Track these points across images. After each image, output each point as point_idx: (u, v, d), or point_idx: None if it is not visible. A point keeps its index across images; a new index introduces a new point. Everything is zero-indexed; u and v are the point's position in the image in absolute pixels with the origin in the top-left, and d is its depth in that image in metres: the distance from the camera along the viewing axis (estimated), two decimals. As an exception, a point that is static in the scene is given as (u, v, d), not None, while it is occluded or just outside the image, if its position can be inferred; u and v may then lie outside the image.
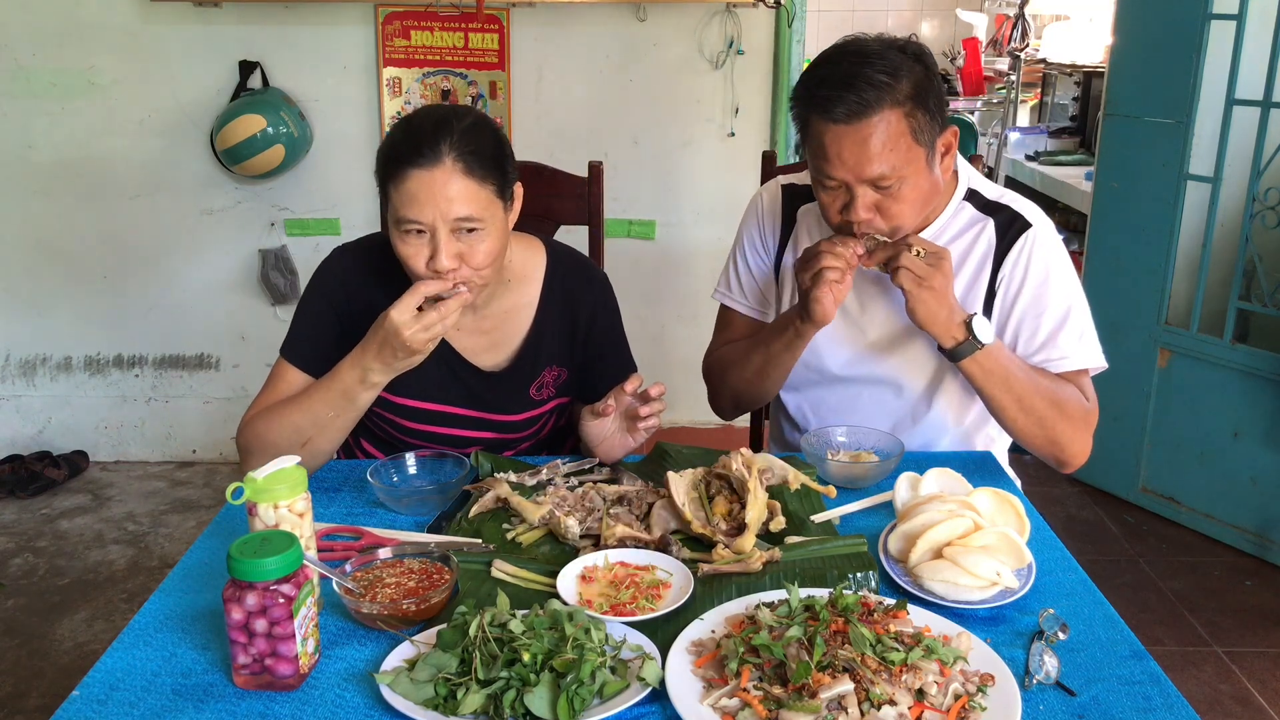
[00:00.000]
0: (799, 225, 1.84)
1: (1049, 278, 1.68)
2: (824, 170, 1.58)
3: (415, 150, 1.50)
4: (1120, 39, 3.34)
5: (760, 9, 3.34)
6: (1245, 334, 3.26)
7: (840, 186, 1.58)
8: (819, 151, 1.57)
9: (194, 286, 3.62)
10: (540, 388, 1.77)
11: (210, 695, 1.15)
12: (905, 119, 1.53)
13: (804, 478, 1.53)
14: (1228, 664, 2.66)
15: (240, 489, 1.28)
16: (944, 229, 1.72)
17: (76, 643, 2.74)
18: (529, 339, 1.74)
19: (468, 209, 1.51)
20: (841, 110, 1.51)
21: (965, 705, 1.07)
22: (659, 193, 3.54)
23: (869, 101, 1.50)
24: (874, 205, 1.57)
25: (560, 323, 1.76)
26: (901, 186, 1.56)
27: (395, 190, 1.52)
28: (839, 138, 1.53)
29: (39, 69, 3.40)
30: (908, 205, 1.58)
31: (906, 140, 1.54)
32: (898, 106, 1.52)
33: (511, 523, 1.50)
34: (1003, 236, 1.70)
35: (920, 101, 1.54)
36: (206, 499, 3.52)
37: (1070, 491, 3.56)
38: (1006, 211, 1.72)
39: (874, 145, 1.52)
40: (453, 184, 1.50)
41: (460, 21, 3.34)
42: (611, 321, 1.83)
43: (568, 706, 1.06)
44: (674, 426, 3.73)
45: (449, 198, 1.50)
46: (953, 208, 1.72)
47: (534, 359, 1.75)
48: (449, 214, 1.51)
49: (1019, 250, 1.68)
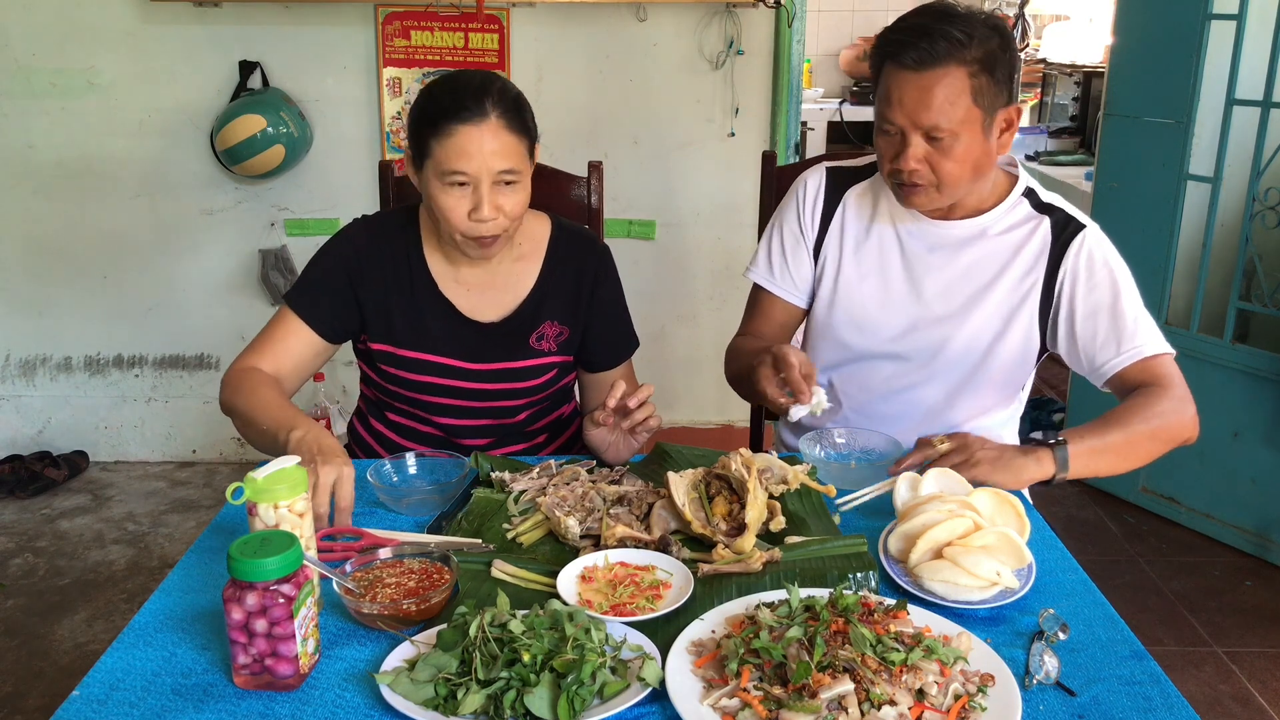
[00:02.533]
0: (846, 205, 1.87)
1: (1114, 273, 1.73)
2: (885, 115, 1.64)
3: (462, 106, 1.61)
4: (1120, 39, 3.34)
5: (760, 9, 3.34)
6: (1245, 334, 3.26)
7: (897, 133, 1.64)
8: (884, 96, 1.64)
9: (194, 286, 3.62)
10: (540, 338, 1.82)
11: (210, 695, 1.15)
12: (970, 79, 1.59)
13: (804, 477, 1.53)
14: (1228, 664, 2.66)
15: (240, 489, 1.28)
16: (1000, 219, 1.77)
17: (76, 643, 2.74)
18: (531, 294, 1.81)
19: (509, 162, 1.62)
20: (911, 56, 1.59)
21: (965, 705, 1.07)
22: (659, 193, 3.54)
23: (938, 53, 1.58)
24: (924, 158, 1.63)
25: (562, 282, 1.83)
26: (954, 144, 1.62)
27: (440, 145, 1.61)
28: (903, 83, 1.60)
29: (39, 69, 3.40)
30: (957, 165, 1.63)
31: (966, 100, 1.60)
32: (964, 65, 1.58)
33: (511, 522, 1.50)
34: (1057, 237, 1.75)
35: (988, 67, 1.60)
36: (206, 499, 3.52)
37: (1070, 491, 3.56)
38: (1060, 213, 1.77)
39: (935, 96, 1.58)
40: (498, 138, 1.61)
41: (460, 21, 3.34)
42: (613, 293, 1.88)
43: (568, 707, 1.06)
44: (674, 426, 3.73)
45: (494, 151, 1.61)
46: (1010, 201, 1.77)
47: (534, 311, 1.81)
48: (493, 167, 1.61)
49: (1078, 249, 1.73)
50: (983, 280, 1.76)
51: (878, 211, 1.83)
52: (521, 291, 1.81)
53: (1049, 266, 1.74)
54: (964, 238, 1.77)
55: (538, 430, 1.91)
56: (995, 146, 1.66)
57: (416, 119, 1.66)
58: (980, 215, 1.76)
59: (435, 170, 1.63)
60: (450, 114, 1.61)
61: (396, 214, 1.84)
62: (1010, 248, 1.75)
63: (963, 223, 1.77)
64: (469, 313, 1.80)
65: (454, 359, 1.78)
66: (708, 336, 3.64)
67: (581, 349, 1.87)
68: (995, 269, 1.76)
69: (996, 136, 1.66)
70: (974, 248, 1.77)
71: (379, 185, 2.20)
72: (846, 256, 1.84)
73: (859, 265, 1.83)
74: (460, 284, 1.80)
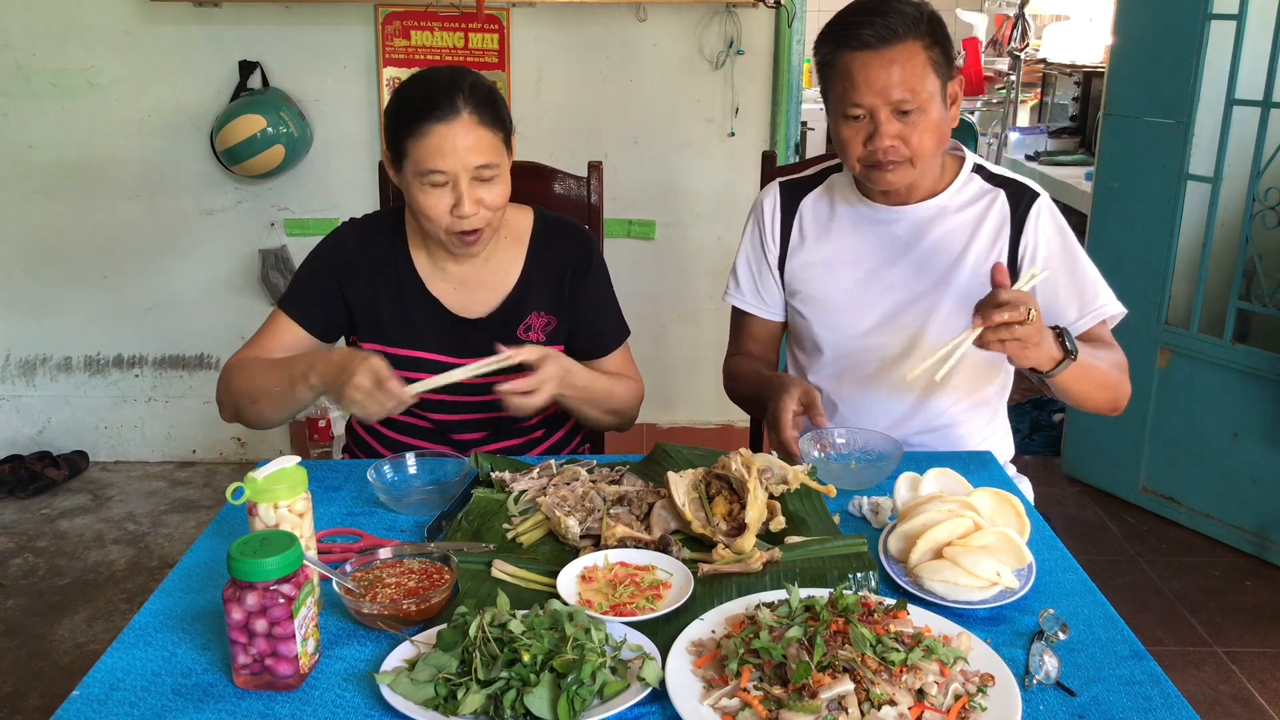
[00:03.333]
0: (801, 217, 1.89)
1: (1067, 238, 1.78)
2: (850, 99, 1.66)
3: (434, 105, 1.62)
4: (1120, 39, 3.34)
5: (760, 9, 3.34)
6: (1245, 334, 3.26)
7: (865, 116, 1.66)
8: (847, 82, 1.66)
9: (194, 286, 3.62)
10: (527, 329, 1.83)
11: (210, 695, 1.15)
12: (925, 50, 1.64)
13: (804, 477, 1.53)
14: (1228, 664, 2.66)
15: (240, 489, 1.28)
16: (955, 196, 1.80)
17: (76, 643, 2.74)
18: (516, 287, 1.83)
19: (485, 156, 1.64)
20: (870, 34, 1.63)
21: (965, 705, 1.07)
22: (659, 193, 3.54)
23: (895, 28, 1.62)
24: (898, 134, 1.66)
25: (547, 271, 1.84)
26: (922, 117, 1.66)
27: (416, 144, 1.63)
28: (867, 63, 1.63)
29: (39, 69, 3.40)
30: (928, 135, 1.67)
31: (929, 71, 1.64)
32: (920, 38, 1.64)
33: (511, 523, 1.50)
34: (1015, 207, 1.78)
35: (937, 38, 1.66)
36: (206, 499, 3.52)
37: (1070, 491, 3.56)
38: (1014, 184, 1.81)
39: (900, 70, 1.62)
40: (472, 134, 1.63)
41: (460, 21, 3.34)
42: (598, 280, 1.89)
43: (568, 707, 1.06)
44: (674, 426, 3.73)
45: (469, 147, 1.62)
46: (962, 179, 1.81)
47: (520, 303, 1.82)
48: (470, 163, 1.63)
49: (1035, 218, 1.77)
50: (949, 258, 1.79)
51: (835, 213, 1.86)
52: (507, 285, 1.82)
53: (1012, 237, 1.78)
54: (924, 219, 1.80)
55: (534, 425, 1.91)
56: (949, 118, 1.71)
57: (391, 121, 1.67)
58: (937, 195, 1.79)
59: (413, 170, 1.65)
60: (423, 114, 1.62)
61: (385, 215, 1.87)
62: (970, 223, 1.79)
63: (922, 205, 1.79)
64: (456, 309, 1.81)
65: (444, 355, 1.78)
66: (708, 336, 3.64)
67: (571, 338, 1.87)
68: (960, 245, 1.79)
69: (949, 109, 1.71)
70: (936, 227, 1.79)
71: (379, 185, 2.20)
72: (812, 263, 1.87)
73: (827, 267, 1.85)
74: (446, 281, 1.81)
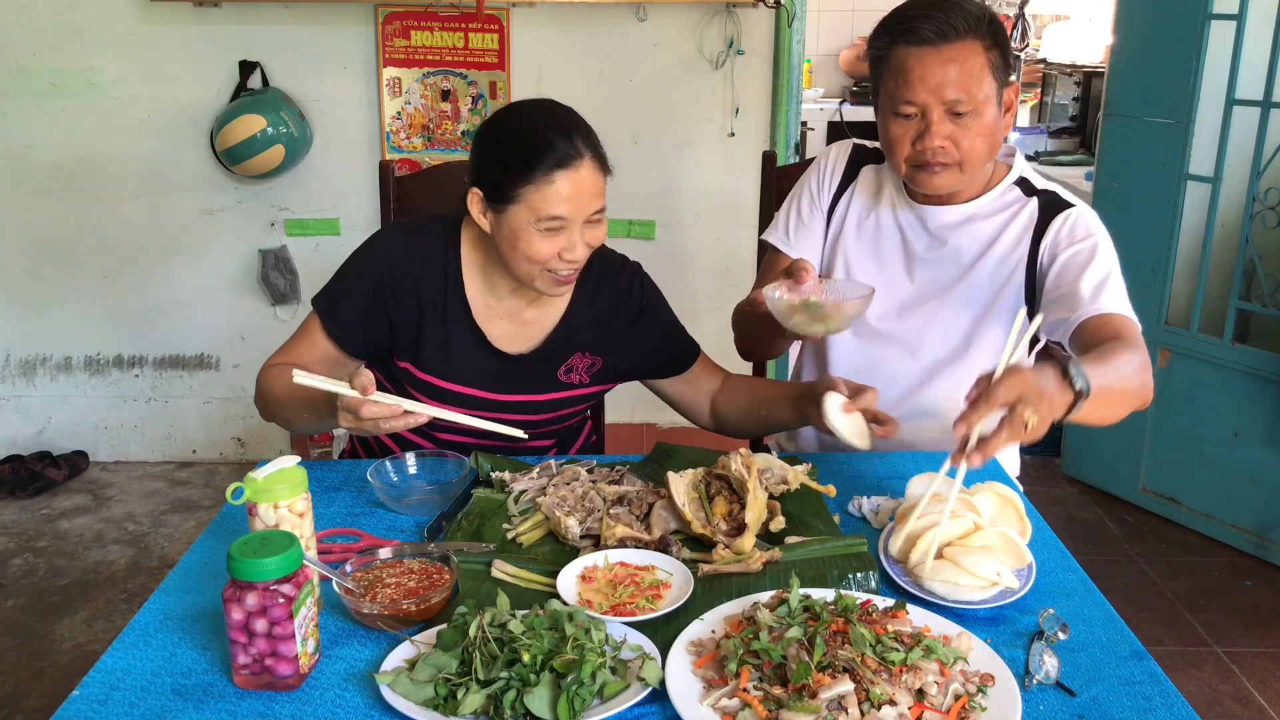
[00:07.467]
0: (859, 181, 1.88)
1: (1097, 243, 1.68)
2: (903, 96, 1.62)
3: (559, 152, 1.58)
4: (1120, 39, 3.34)
5: (760, 9, 3.34)
6: (1245, 334, 3.26)
7: (917, 114, 1.63)
8: (900, 78, 1.61)
9: (194, 286, 3.62)
10: (569, 370, 1.78)
11: (210, 695, 1.15)
12: (985, 51, 1.60)
13: (804, 477, 1.54)
14: (1228, 664, 2.66)
15: (240, 489, 1.28)
16: (989, 203, 1.77)
17: (76, 643, 2.74)
18: (560, 325, 1.77)
19: (600, 201, 1.63)
20: (930, 29, 1.58)
21: (965, 705, 1.07)
22: (659, 193, 3.54)
23: (957, 25, 1.58)
24: (949, 135, 1.62)
25: (592, 310, 1.78)
26: (975, 120, 1.61)
27: (536, 191, 1.57)
28: (923, 59, 1.59)
29: (39, 69, 3.40)
30: (980, 140, 1.63)
31: (986, 73, 1.60)
32: (981, 38, 1.59)
33: (511, 522, 1.50)
34: (1044, 213, 1.74)
35: (998, 41, 1.61)
36: (206, 499, 3.52)
37: (1070, 491, 3.56)
38: (1051, 195, 1.77)
39: (957, 69, 1.58)
40: (595, 181, 1.61)
41: (460, 21, 3.33)
42: (661, 311, 1.85)
43: (568, 707, 1.06)
44: (674, 427, 3.73)
45: (592, 194, 1.61)
46: (1002, 188, 1.78)
47: (564, 343, 1.77)
48: (590, 209, 1.61)
49: (1061, 221, 1.72)
50: (966, 261, 1.77)
51: (882, 195, 1.84)
52: (551, 322, 1.76)
53: (1032, 242, 1.73)
54: (953, 222, 1.78)
55: (546, 447, 1.89)
56: (1003, 125, 1.67)
57: (504, 164, 1.59)
58: (973, 200, 1.77)
59: (529, 216, 1.58)
60: (548, 161, 1.57)
61: (437, 226, 1.74)
62: (995, 228, 1.76)
63: (957, 207, 1.77)
64: (499, 343, 1.73)
65: (475, 389, 1.73)
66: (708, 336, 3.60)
67: (640, 370, 1.84)
68: (979, 249, 1.76)
69: (1002, 116, 1.66)
70: (962, 231, 1.77)
71: (379, 185, 2.20)
72: (849, 230, 1.85)
73: (859, 241, 1.85)
74: (495, 313, 1.73)
